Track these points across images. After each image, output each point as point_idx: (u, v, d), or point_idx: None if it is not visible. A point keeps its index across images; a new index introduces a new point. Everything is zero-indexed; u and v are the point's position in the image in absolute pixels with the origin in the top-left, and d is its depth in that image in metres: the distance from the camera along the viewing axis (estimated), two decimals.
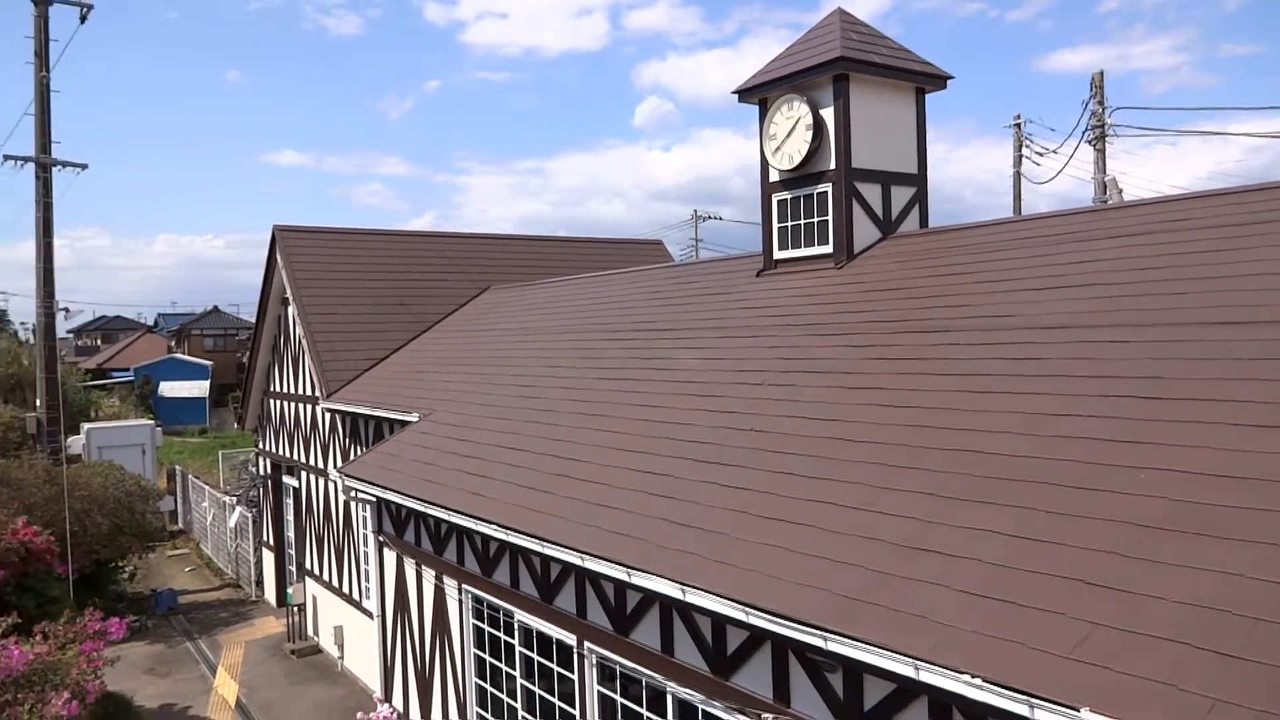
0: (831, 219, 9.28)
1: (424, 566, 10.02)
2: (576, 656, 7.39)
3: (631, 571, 5.95)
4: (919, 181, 9.72)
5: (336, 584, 15.86)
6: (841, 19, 9.54)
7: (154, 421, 29.23)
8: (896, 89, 9.57)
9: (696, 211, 48.42)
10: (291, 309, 16.61)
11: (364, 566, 14.41)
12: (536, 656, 8.12)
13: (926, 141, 9.76)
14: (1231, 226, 6.41)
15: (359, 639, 14.69)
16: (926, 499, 5.15)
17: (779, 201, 9.86)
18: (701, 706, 6.09)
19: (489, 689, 9.02)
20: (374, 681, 11.86)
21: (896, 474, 5.54)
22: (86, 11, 20.33)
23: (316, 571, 16.89)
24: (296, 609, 16.96)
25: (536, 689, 8.18)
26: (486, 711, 9.10)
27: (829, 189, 9.27)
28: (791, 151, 9.52)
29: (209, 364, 56.88)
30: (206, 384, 53.54)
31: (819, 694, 5.18)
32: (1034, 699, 3.65)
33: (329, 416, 15.49)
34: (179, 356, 59.90)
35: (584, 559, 6.44)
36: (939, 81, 9.78)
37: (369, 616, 13.10)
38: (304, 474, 17.30)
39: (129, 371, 55.27)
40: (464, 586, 9.17)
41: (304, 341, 15.75)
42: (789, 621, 4.79)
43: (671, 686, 6.30)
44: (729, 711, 5.81)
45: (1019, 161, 27.86)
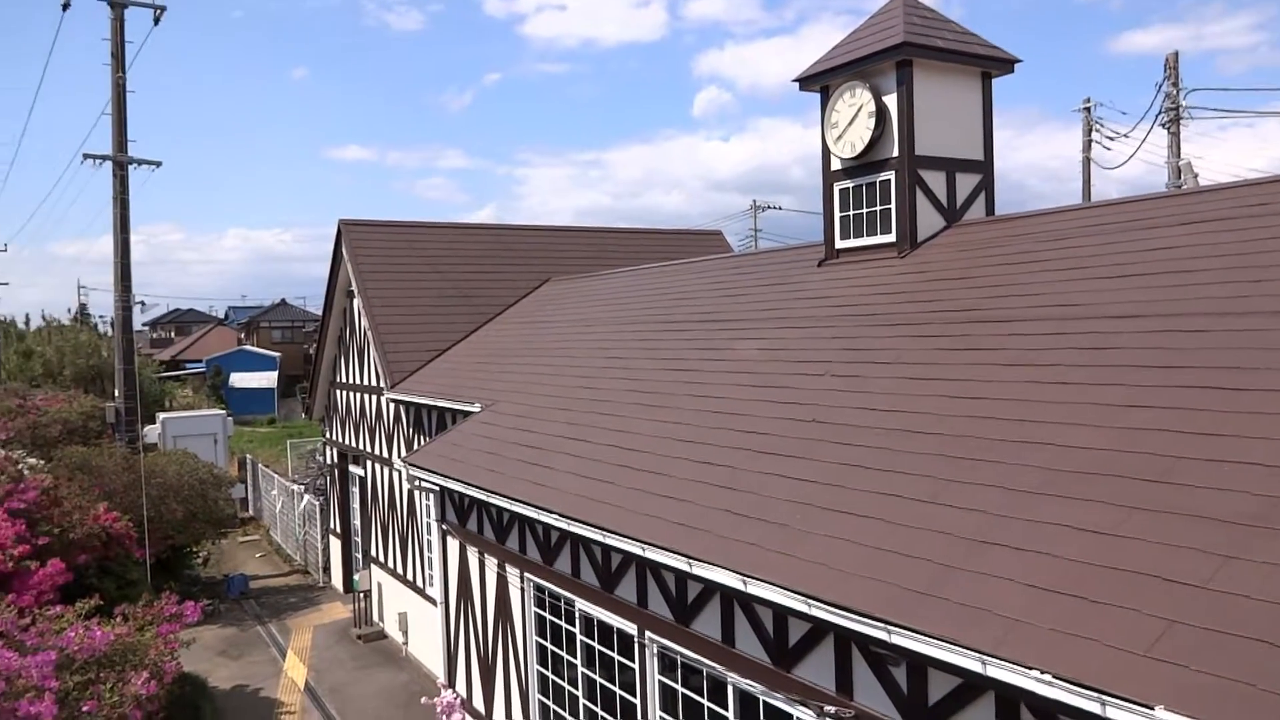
0: (894, 207, 9.15)
1: (486, 555, 10.15)
2: (637, 646, 7.43)
3: (693, 562, 5.96)
4: (985, 168, 9.53)
5: (401, 571, 16.16)
6: (905, 4, 9.36)
7: (225, 411, 30.06)
8: (961, 74, 9.38)
9: (756, 201, 48.02)
10: (357, 301, 16.94)
11: (427, 554, 14.66)
12: (597, 645, 8.19)
13: (993, 127, 9.57)
14: None
15: (422, 625, 14.95)
16: (995, 492, 5.06)
17: (840, 190, 9.75)
18: (763, 698, 6.08)
19: (551, 676, 9.12)
20: (437, 667, 12.06)
21: (963, 467, 5.45)
22: (160, 13, 20.93)
23: (381, 559, 17.23)
24: (362, 595, 17.35)
25: (598, 677, 8.25)
26: (548, 699, 9.20)
27: (892, 177, 9.14)
28: (853, 139, 9.41)
29: (277, 355, 58.34)
30: (275, 375, 54.88)
31: (883, 687, 5.14)
32: (1106, 696, 3.57)
33: (393, 407, 15.77)
34: (248, 348, 61.58)
35: (645, 549, 6.47)
36: (1006, 65, 9.57)
37: (432, 603, 13.32)
38: (369, 463, 17.64)
39: (201, 363, 57.09)
40: (526, 575, 9.27)
41: (369, 333, 16.05)
42: (852, 614, 4.76)
43: (732, 677, 6.30)
44: (790, 703, 5.79)
45: (1088, 146, 27.14)
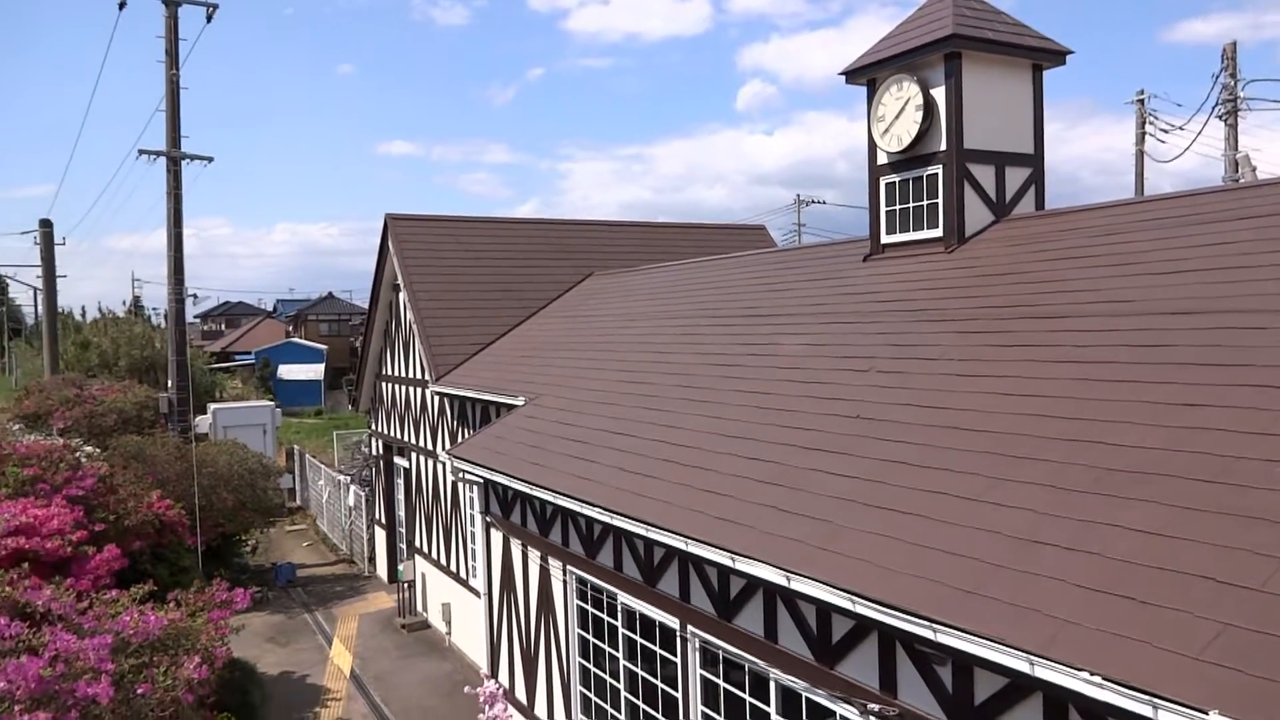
0: (942, 202, 9.04)
1: (529, 547, 10.22)
2: (679, 640, 7.44)
3: (736, 557, 5.96)
4: (1035, 162, 9.37)
5: (444, 562, 16.34)
6: None
7: (274, 402, 30.59)
8: (1011, 66, 9.23)
9: (800, 195, 47.71)
10: (402, 295, 17.13)
11: (471, 546, 14.80)
12: (639, 638, 8.21)
13: (1044, 119, 9.41)
14: None
15: (466, 616, 15.11)
16: (1045, 491, 4.99)
17: (887, 184, 9.66)
18: (805, 694, 6.06)
19: (592, 669, 9.17)
20: (480, 657, 12.19)
21: (1012, 464, 5.38)
22: (212, 11, 21.26)
23: (426, 549, 17.43)
24: (406, 585, 17.57)
25: (639, 670, 8.27)
26: (590, 691, 9.25)
27: (939, 171, 9.03)
28: (900, 133, 9.30)
29: (324, 348, 59.26)
30: (322, 367, 55.76)
31: (927, 686, 5.10)
32: (1158, 699, 3.51)
33: (438, 399, 15.93)
34: (296, 341, 62.63)
35: (688, 544, 6.47)
36: (1057, 57, 9.40)
37: (475, 595, 13.45)
38: (414, 455, 17.85)
39: (250, 355, 58.14)
40: (568, 567, 9.32)
41: (414, 326, 16.22)
42: (897, 611, 4.72)
43: (774, 673, 6.28)
44: (833, 700, 5.77)
45: (1142, 139, 26.55)
